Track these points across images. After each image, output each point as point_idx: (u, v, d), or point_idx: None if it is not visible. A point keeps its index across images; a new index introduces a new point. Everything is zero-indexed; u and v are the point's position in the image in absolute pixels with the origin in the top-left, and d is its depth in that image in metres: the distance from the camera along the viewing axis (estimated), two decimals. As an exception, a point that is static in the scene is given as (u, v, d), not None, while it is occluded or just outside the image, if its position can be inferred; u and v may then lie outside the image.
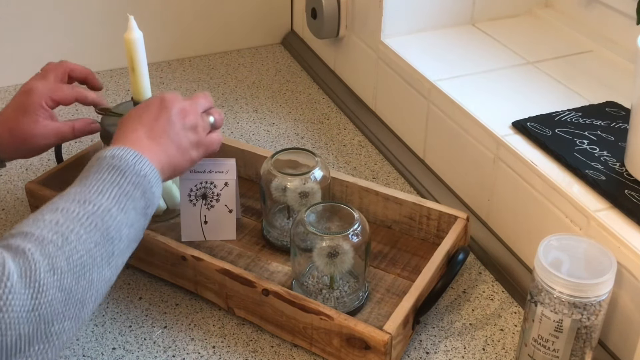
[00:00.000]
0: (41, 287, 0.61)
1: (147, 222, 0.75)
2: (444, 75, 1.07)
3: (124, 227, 0.70)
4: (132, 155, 0.74)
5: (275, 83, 1.40)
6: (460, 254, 0.86)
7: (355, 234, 0.84)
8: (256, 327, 0.87)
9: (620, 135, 0.91)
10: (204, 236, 0.96)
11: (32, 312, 0.60)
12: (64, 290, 0.63)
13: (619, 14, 1.13)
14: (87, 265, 0.65)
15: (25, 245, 0.63)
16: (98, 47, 1.40)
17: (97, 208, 0.68)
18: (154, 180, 0.75)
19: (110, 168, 0.72)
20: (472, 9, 1.23)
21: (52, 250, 0.63)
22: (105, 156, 0.73)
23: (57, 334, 0.63)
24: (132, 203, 0.71)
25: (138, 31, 0.90)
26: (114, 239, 0.69)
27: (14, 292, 0.59)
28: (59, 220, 0.66)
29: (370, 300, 0.89)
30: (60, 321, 0.63)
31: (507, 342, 0.85)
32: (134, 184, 0.72)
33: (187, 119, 0.82)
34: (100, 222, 0.68)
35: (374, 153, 1.19)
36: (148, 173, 0.74)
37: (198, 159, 0.84)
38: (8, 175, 1.13)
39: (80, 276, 0.65)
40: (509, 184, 0.93)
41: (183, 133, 0.81)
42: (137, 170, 0.73)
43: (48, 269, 0.62)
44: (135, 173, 0.73)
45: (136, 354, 0.84)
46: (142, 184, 0.73)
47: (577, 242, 0.77)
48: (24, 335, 0.60)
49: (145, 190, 0.73)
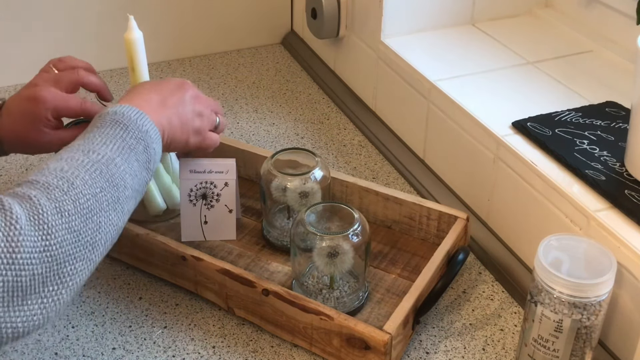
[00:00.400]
0: (50, 228, 0.63)
1: (150, 177, 0.77)
2: (444, 75, 1.07)
3: (128, 176, 0.72)
4: (134, 112, 0.76)
5: (275, 83, 1.40)
6: (460, 254, 0.86)
7: (355, 234, 0.84)
8: (256, 327, 0.87)
9: (620, 135, 0.91)
10: (204, 236, 0.96)
11: (44, 253, 0.62)
12: (73, 232, 0.65)
13: (619, 14, 1.13)
14: (94, 209, 0.67)
15: (31, 192, 0.64)
16: (98, 47, 1.40)
17: (102, 157, 0.71)
18: (154, 137, 0.77)
19: (113, 123, 0.74)
20: (472, 9, 1.23)
21: (58, 195, 0.65)
22: (107, 112, 0.76)
23: (70, 274, 0.65)
24: (135, 155, 0.74)
25: (138, 31, 0.90)
26: (119, 186, 0.71)
27: (24, 233, 0.61)
28: (64, 168, 0.68)
29: (370, 300, 0.89)
30: (72, 262, 0.65)
31: (507, 342, 0.85)
32: (136, 138, 0.74)
33: (198, 106, 0.86)
34: (105, 168, 0.70)
35: (374, 153, 1.19)
36: (149, 129, 0.76)
37: (192, 147, 0.86)
38: (8, 176, 1.13)
39: (88, 219, 0.66)
40: (509, 184, 0.93)
41: (191, 115, 0.84)
42: (139, 126, 0.75)
43: (55, 212, 0.64)
44: (137, 128, 0.75)
45: (136, 354, 0.84)
46: (144, 138, 0.75)
47: (577, 242, 0.77)
48: (38, 275, 0.62)
49: (147, 145, 0.75)
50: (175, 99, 0.83)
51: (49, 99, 0.84)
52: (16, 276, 0.60)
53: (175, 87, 0.84)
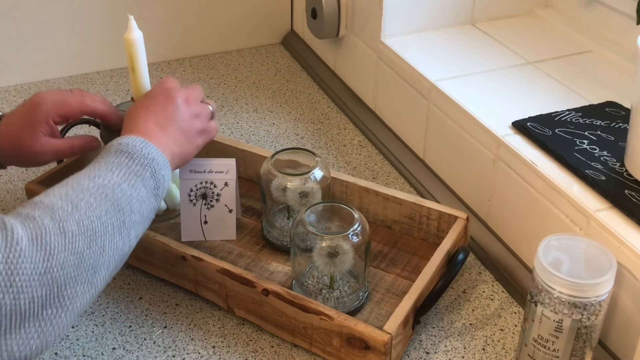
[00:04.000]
0: (52, 249, 0.62)
1: (158, 203, 0.76)
2: (444, 75, 1.07)
3: (135, 201, 0.71)
4: (139, 141, 0.75)
5: (275, 83, 1.40)
6: (460, 254, 0.86)
7: (355, 234, 0.84)
8: (256, 327, 0.87)
9: (620, 135, 0.91)
10: (204, 236, 0.96)
11: (45, 275, 0.61)
12: (76, 254, 0.63)
13: (619, 14, 1.13)
14: (98, 231, 0.66)
15: (35, 212, 0.64)
16: (98, 47, 1.40)
17: (108, 181, 0.70)
18: (162, 164, 0.76)
19: (119, 153, 0.74)
20: (472, 9, 1.23)
21: (62, 215, 0.64)
22: (112, 144, 0.75)
23: (70, 298, 0.63)
24: (142, 182, 0.73)
25: (138, 31, 0.90)
26: (125, 210, 0.69)
27: (24, 255, 0.60)
28: (69, 192, 0.67)
29: (370, 300, 0.89)
30: (73, 285, 0.63)
31: (507, 342, 0.85)
32: (142, 165, 0.74)
33: (192, 107, 0.85)
34: (110, 192, 0.69)
35: (374, 153, 1.19)
36: (155, 157, 0.75)
37: (202, 145, 0.87)
38: (8, 175, 1.13)
39: (92, 241, 0.65)
40: (509, 184, 0.93)
41: (190, 121, 0.84)
42: (144, 154, 0.74)
43: (58, 233, 0.63)
44: (143, 156, 0.74)
45: (136, 354, 0.84)
46: (150, 165, 0.74)
47: (577, 242, 0.77)
48: (37, 298, 0.60)
49: (154, 171, 0.75)
50: (170, 112, 0.82)
51: (49, 101, 0.84)
52: (14, 299, 0.59)
53: (164, 100, 0.83)
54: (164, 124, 0.81)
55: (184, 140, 0.82)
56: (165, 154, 0.78)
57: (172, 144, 0.80)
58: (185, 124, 0.83)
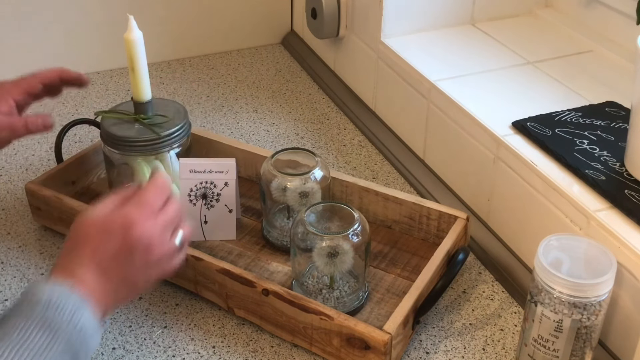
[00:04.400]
0: None
1: None
2: (444, 75, 1.07)
3: None
4: (71, 305, 0.63)
5: (275, 83, 1.40)
6: (460, 254, 0.86)
7: (355, 234, 0.84)
8: (256, 327, 0.87)
9: (620, 135, 0.91)
10: (204, 236, 0.96)
11: None
12: None
13: (619, 14, 1.13)
14: None
15: None
16: (98, 47, 1.40)
17: None
18: (91, 331, 0.64)
19: (41, 325, 0.61)
20: (472, 9, 1.23)
21: None
22: (40, 300, 0.63)
23: None
24: None
25: (138, 31, 0.90)
26: None
27: None
28: None
29: (370, 300, 0.89)
30: None
31: (507, 342, 0.85)
32: (67, 344, 0.62)
33: (152, 255, 0.70)
34: None
35: (374, 153, 1.19)
36: (85, 325, 0.64)
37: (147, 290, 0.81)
38: (8, 175, 1.13)
39: None
40: (509, 184, 0.93)
41: (142, 272, 0.70)
42: (73, 324, 0.63)
43: None
44: (70, 330, 0.62)
45: (136, 354, 0.84)
46: (76, 342, 0.63)
47: (577, 242, 0.77)
48: None
49: (79, 347, 0.63)
50: (120, 262, 0.68)
51: (7, 81, 0.87)
52: None
53: (119, 243, 0.68)
54: (108, 274, 0.68)
55: (127, 292, 0.70)
56: (97, 311, 0.66)
57: (111, 296, 0.68)
58: (134, 277, 0.69)
